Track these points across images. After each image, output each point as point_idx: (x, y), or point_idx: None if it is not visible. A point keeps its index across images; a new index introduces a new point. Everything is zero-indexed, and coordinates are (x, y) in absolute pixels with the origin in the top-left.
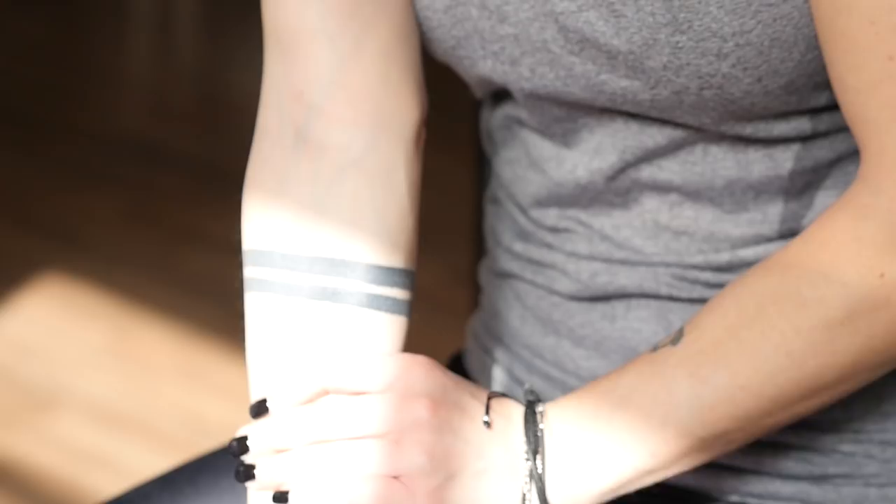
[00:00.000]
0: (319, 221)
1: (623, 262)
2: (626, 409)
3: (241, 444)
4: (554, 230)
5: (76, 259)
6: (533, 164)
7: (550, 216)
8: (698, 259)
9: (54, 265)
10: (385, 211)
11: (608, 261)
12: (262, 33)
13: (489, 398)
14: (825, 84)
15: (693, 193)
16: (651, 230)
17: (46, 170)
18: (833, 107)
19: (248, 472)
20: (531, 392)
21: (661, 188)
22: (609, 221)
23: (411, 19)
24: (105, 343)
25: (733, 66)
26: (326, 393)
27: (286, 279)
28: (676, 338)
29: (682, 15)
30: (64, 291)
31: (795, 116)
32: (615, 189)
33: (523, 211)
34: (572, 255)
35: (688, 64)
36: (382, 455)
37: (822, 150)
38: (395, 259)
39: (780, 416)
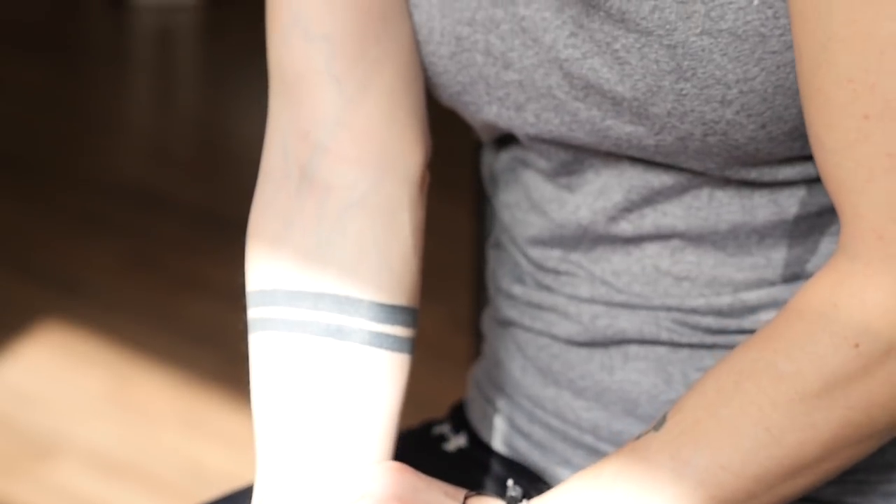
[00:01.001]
0: (324, 260)
1: (623, 306)
2: (609, 498)
3: None
4: (555, 273)
5: (75, 306)
6: (534, 207)
7: (552, 259)
8: (700, 302)
9: (53, 312)
10: (389, 250)
11: (608, 304)
12: (263, 81)
13: (466, 498)
14: None
15: (696, 238)
16: (651, 276)
17: (46, 217)
18: None
19: None
20: (514, 487)
21: (664, 234)
22: (609, 267)
23: (417, 62)
24: (105, 391)
25: (737, 112)
26: None
27: (290, 316)
28: (659, 423)
29: (685, 62)
30: (63, 339)
31: (800, 161)
32: (616, 235)
33: (524, 254)
34: (573, 297)
35: (692, 110)
36: None
37: (827, 196)
38: (399, 297)
39: (764, 498)
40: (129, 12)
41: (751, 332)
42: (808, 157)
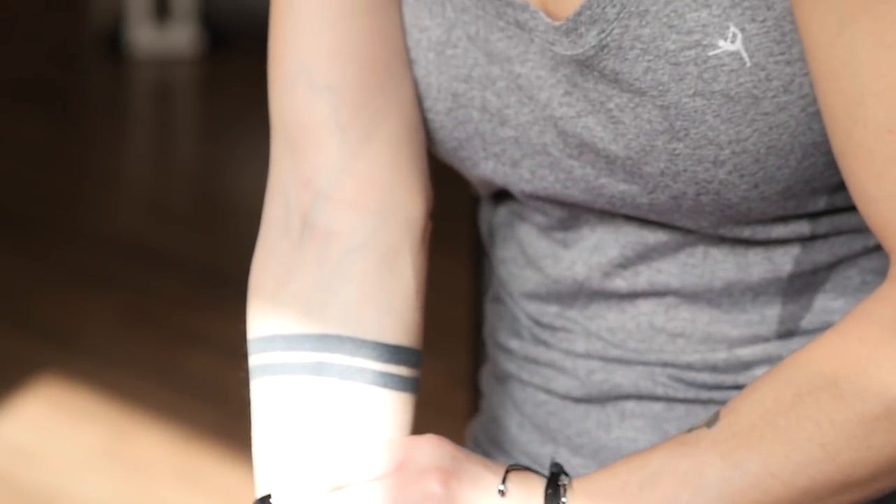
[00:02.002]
0: (325, 302)
1: (619, 361)
2: (654, 487)
3: None
4: (551, 329)
5: (74, 361)
6: (530, 262)
7: (548, 314)
8: (695, 358)
9: (51, 367)
10: (392, 291)
11: (604, 359)
12: (261, 134)
13: (508, 471)
14: (823, 189)
15: (691, 295)
16: (647, 332)
17: (44, 271)
18: (831, 211)
19: None
20: (556, 465)
21: (659, 291)
22: (605, 324)
23: (419, 114)
24: (103, 446)
25: (730, 172)
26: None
27: (290, 360)
28: (711, 421)
29: (678, 123)
30: (61, 394)
31: (794, 220)
32: (612, 291)
33: (522, 309)
34: (569, 353)
35: (685, 170)
36: None
37: (822, 254)
38: (403, 338)
39: None
40: (128, 65)
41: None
42: (801, 216)
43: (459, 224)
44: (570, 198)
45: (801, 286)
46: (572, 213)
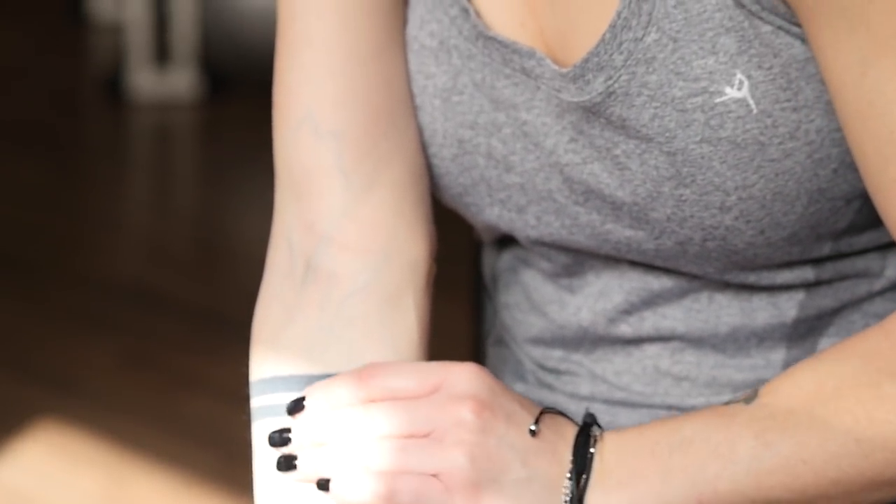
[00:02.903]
0: (327, 344)
1: (623, 404)
2: (684, 452)
3: (282, 437)
4: (556, 372)
5: (73, 406)
6: (534, 308)
7: (553, 359)
8: (699, 402)
9: (51, 412)
10: (394, 334)
11: (608, 402)
12: (261, 179)
13: (542, 412)
14: (827, 235)
15: (696, 340)
16: (652, 375)
17: (43, 316)
18: (835, 256)
19: (288, 463)
20: (590, 415)
21: (664, 337)
22: (611, 367)
23: (423, 159)
24: (102, 491)
25: (736, 218)
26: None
27: (290, 400)
28: (750, 397)
29: (685, 169)
30: (61, 439)
31: (799, 265)
32: (617, 336)
33: (526, 353)
34: (573, 396)
35: (691, 216)
36: (423, 452)
37: (826, 300)
38: None
39: (837, 501)
40: (127, 110)
41: None
42: (806, 262)
43: (458, 268)
44: (576, 244)
45: (805, 331)
46: (577, 259)
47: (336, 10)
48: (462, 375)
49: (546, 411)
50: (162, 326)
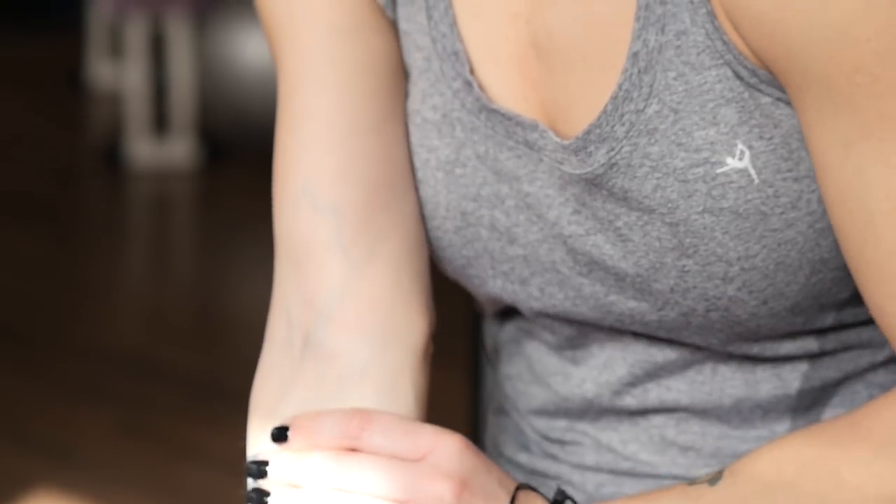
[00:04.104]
0: None
1: (629, 474)
2: None
3: (259, 469)
4: (560, 442)
5: (71, 476)
6: (537, 379)
7: (557, 429)
8: (705, 472)
9: (49, 481)
10: None
11: (614, 472)
12: (259, 248)
13: (517, 488)
14: (830, 305)
15: (700, 412)
16: (658, 445)
17: (41, 385)
18: (839, 327)
19: (260, 498)
20: (561, 492)
21: (669, 408)
22: (616, 436)
23: (422, 232)
24: None
25: (739, 289)
26: (356, 447)
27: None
28: (715, 478)
29: (687, 240)
30: None
31: (802, 336)
32: (622, 408)
33: (529, 423)
34: (578, 466)
35: (694, 287)
36: None
37: (829, 370)
38: None
39: None
40: (126, 179)
41: None
42: (810, 332)
43: (457, 338)
44: (580, 315)
45: (809, 402)
46: (581, 331)
47: (335, 84)
48: (449, 449)
49: (521, 487)
50: (161, 396)
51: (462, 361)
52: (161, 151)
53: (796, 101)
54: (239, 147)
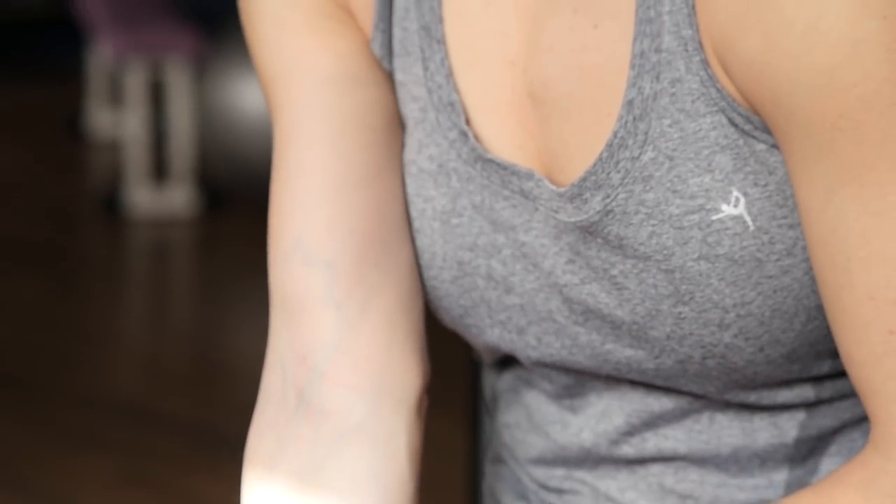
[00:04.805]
0: (317, 485)
1: None
2: None
3: None
4: (558, 491)
5: None
6: (536, 428)
7: (555, 478)
8: None
9: None
10: (385, 478)
11: None
12: (258, 295)
13: None
14: (827, 353)
15: (698, 460)
16: (657, 493)
17: (41, 433)
18: (836, 375)
19: None
20: None
21: (667, 457)
22: (615, 484)
23: (416, 285)
24: None
25: (735, 336)
26: None
27: None
28: None
29: (683, 287)
30: None
31: (799, 384)
32: (620, 456)
33: (527, 472)
34: None
35: (691, 334)
36: None
37: (826, 419)
38: None
39: None
40: (125, 226)
41: None
42: (806, 380)
43: (456, 385)
44: (577, 364)
45: (806, 451)
46: (578, 379)
47: (328, 137)
48: None
49: None
50: (160, 444)
51: (461, 409)
52: (160, 198)
53: (782, 145)
54: (238, 194)
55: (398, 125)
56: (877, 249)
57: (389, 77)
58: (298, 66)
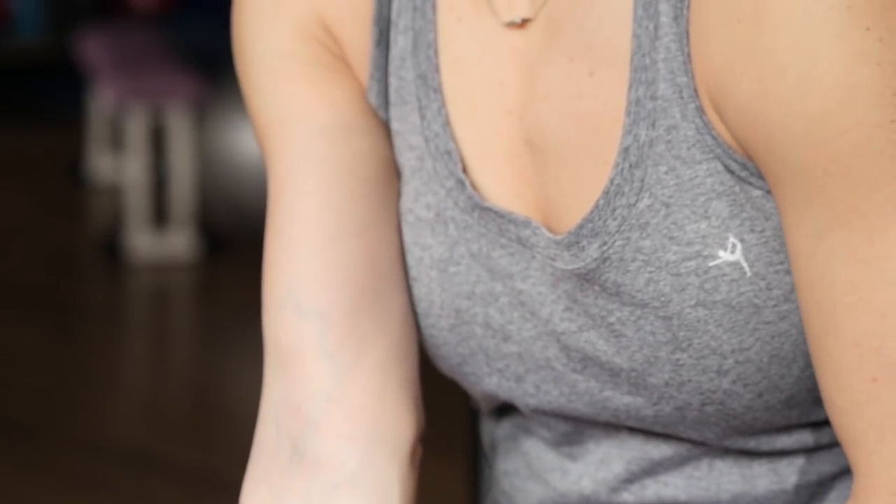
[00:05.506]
0: None
1: None
2: None
3: None
4: None
5: None
6: (535, 475)
7: None
8: None
9: None
10: None
11: None
12: (258, 340)
13: None
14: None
15: None
16: None
17: (41, 478)
18: None
19: None
20: None
21: (667, 503)
22: None
23: (410, 334)
24: None
25: (734, 382)
26: None
27: None
28: None
29: (681, 333)
30: None
31: (798, 430)
32: (620, 503)
33: None
34: None
35: (689, 380)
36: None
37: (826, 464)
38: None
39: None
40: (126, 271)
41: None
42: (805, 426)
43: (455, 431)
44: (575, 411)
45: (807, 498)
46: (577, 427)
47: (321, 187)
48: None
49: None
50: (160, 489)
51: (460, 456)
52: (161, 244)
53: (774, 189)
54: (239, 240)
55: (393, 174)
56: (863, 296)
57: (385, 126)
58: (293, 116)
